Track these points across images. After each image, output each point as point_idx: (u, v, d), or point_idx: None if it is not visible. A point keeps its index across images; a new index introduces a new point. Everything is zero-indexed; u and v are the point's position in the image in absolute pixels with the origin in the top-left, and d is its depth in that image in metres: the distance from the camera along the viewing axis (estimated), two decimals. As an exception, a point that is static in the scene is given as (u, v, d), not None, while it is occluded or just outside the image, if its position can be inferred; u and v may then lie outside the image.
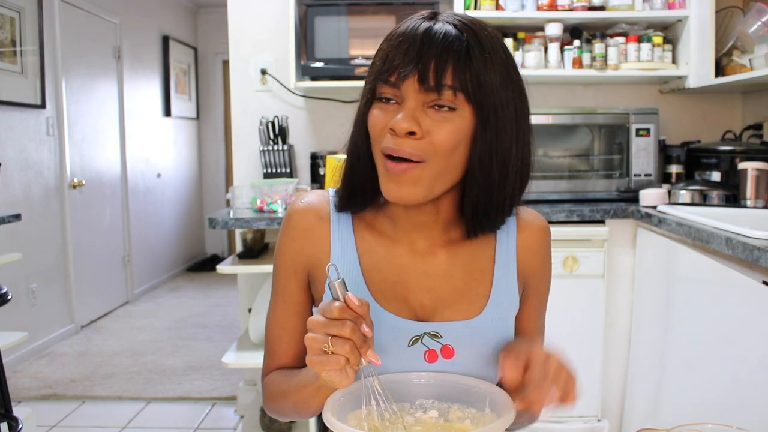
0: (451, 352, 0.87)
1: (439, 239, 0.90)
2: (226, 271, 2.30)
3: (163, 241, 5.75)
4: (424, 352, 0.86)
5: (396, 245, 0.90)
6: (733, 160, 2.41)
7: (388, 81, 0.80)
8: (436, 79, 0.77)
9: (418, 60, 0.78)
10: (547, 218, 2.33)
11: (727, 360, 1.71)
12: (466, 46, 0.79)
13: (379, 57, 0.83)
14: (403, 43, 0.80)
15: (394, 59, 0.79)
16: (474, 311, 0.89)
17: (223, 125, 6.51)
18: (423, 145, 0.79)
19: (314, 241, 0.90)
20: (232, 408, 2.96)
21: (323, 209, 0.92)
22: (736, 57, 2.49)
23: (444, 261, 0.90)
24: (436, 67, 0.77)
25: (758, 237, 1.58)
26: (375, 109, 0.83)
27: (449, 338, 0.87)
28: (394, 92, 0.81)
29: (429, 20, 0.82)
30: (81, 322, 4.28)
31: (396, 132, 0.78)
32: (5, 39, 3.49)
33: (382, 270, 0.89)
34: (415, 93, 0.79)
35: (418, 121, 0.78)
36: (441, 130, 0.79)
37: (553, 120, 2.57)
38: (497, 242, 0.93)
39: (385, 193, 0.82)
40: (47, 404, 3.04)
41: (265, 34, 2.80)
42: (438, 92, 0.78)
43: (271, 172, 2.67)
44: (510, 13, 2.59)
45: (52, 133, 3.98)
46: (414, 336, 0.87)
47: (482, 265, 0.91)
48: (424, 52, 0.78)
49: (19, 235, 3.56)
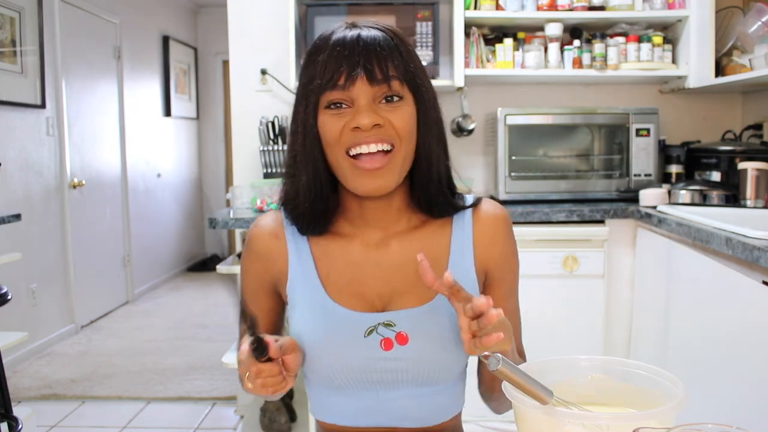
0: (405, 338, 0.91)
1: (392, 231, 0.95)
2: (226, 271, 2.30)
3: (163, 241, 5.75)
4: (380, 340, 0.91)
5: (350, 242, 0.95)
6: (733, 160, 2.41)
7: (337, 85, 0.86)
8: (383, 73, 0.86)
9: (361, 60, 0.85)
10: (547, 218, 2.35)
11: (727, 360, 1.71)
12: (395, 44, 0.88)
13: (318, 69, 0.87)
14: (342, 51, 0.86)
15: (338, 66, 0.86)
16: (427, 298, 0.93)
17: (223, 125, 6.51)
18: (387, 132, 0.87)
19: (273, 260, 0.97)
20: (232, 408, 2.96)
21: (279, 230, 0.98)
22: (736, 57, 2.49)
23: (397, 251, 0.94)
24: (380, 63, 0.86)
25: (758, 237, 1.58)
26: (326, 119, 0.88)
27: (403, 325, 0.92)
28: (343, 95, 0.86)
29: (352, 29, 0.89)
30: (81, 322, 4.27)
31: (362, 127, 0.85)
32: (5, 39, 3.49)
33: (338, 269, 0.94)
34: (365, 91, 0.86)
35: (377, 114, 0.86)
36: (397, 117, 0.87)
37: (553, 120, 2.57)
38: (453, 231, 0.97)
39: (359, 189, 0.88)
40: (47, 404, 3.04)
41: (265, 34, 2.80)
42: (387, 83, 0.86)
43: (271, 172, 2.67)
44: (510, 13, 2.59)
45: (52, 133, 3.98)
46: (369, 327, 0.92)
47: (437, 253, 0.95)
48: (365, 53, 0.86)
49: (19, 235, 3.56)
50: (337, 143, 0.87)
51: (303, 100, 0.90)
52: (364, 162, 0.86)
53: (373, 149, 0.86)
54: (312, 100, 0.88)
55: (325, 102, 0.87)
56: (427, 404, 0.94)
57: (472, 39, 2.63)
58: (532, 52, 2.63)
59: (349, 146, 0.86)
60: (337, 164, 0.89)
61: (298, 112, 0.91)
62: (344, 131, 0.86)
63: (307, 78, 0.89)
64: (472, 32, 2.63)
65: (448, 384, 0.95)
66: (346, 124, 0.86)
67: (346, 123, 0.86)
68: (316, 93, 0.87)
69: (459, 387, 0.98)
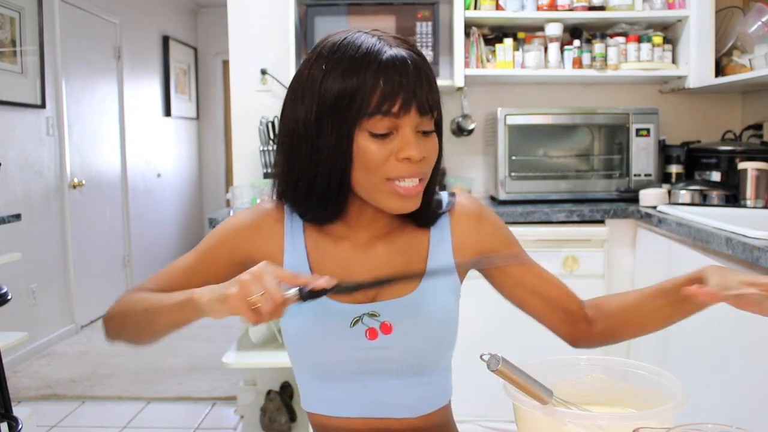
0: (389, 327, 0.94)
1: (380, 232, 0.98)
2: (226, 271, 2.29)
3: (163, 241, 5.75)
4: (365, 330, 0.94)
5: (341, 242, 0.98)
6: (733, 160, 2.41)
7: (391, 113, 0.84)
8: (428, 103, 0.86)
9: (416, 90, 0.84)
10: (547, 218, 2.35)
11: (726, 360, 1.71)
12: (429, 68, 0.88)
13: (368, 89, 0.83)
14: (397, 76, 0.83)
15: (394, 93, 0.83)
16: (410, 288, 0.96)
17: (223, 125, 6.51)
18: (425, 165, 0.89)
19: (264, 238, 0.99)
20: (232, 408, 2.96)
21: (279, 215, 1.00)
22: (736, 57, 2.49)
23: (383, 250, 0.98)
24: (427, 92, 0.86)
25: (758, 237, 1.58)
26: (368, 143, 0.85)
27: (387, 315, 0.94)
28: (392, 123, 0.85)
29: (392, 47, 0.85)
30: (81, 322, 4.28)
31: (412, 159, 0.86)
32: (5, 39, 3.49)
33: (328, 264, 0.97)
34: (414, 121, 0.86)
35: (422, 146, 0.87)
36: (432, 149, 0.90)
37: (553, 120, 2.57)
38: (431, 229, 1.01)
39: (392, 209, 0.90)
40: (47, 404, 3.04)
41: (265, 34, 2.80)
42: (431, 114, 0.88)
43: (271, 172, 2.66)
44: (510, 13, 2.59)
45: (52, 133, 3.98)
46: (354, 317, 0.94)
47: (418, 248, 0.99)
48: (419, 83, 0.85)
49: (19, 235, 3.56)
50: (379, 171, 0.86)
51: (336, 113, 0.85)
52: (401, 189, 0.87)
53: (416, 182, 0.88)
54: (351, 118, 0.84)
55: (371, 126, 0.84)
56: (414, 394, 0.97)
57: (472, 39, 2.63)
58: (532, 52, 2.63)
59: (394, 177, 0.87)
60: (367, 184, 0.88)
61: (323, 121, 0.86)
62: (389, 160, 0.86)
63: (346, 93, 0.83)
64: (472, 32, 2.63)
65: (433, 374, 0.98)
66: (393, 154, 0.86)
67: (392, 152, 0.86)
68: (360, 114, 0.84)
69: (445, 378, 1.02)
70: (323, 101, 0.86)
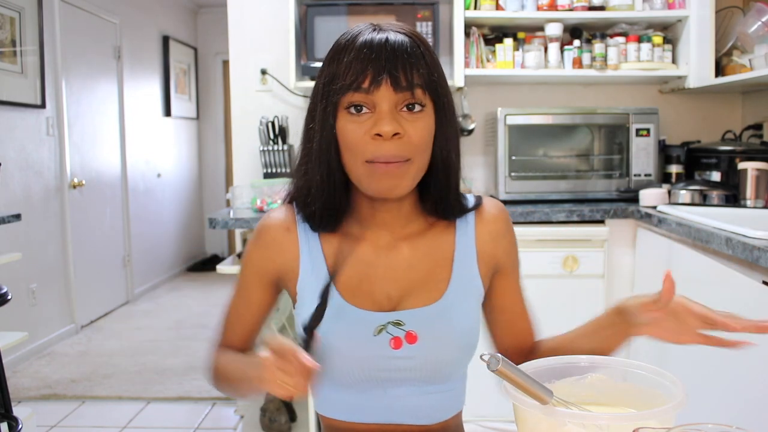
0: (414, 337, 0.92)
1: (401, 234, 0.96)
2: (226, 271, 2.30)
3: (163, 241, 5.75)
4: (389, 339, 0.92)
5: (360, 243, 0.96)
6: (733, 160, 2.41)
7: (361, 88, 0.85)
8: (407, 80, 0.85)
9: (388, 65, 0.85)
10: (547, 218, 2.35)
11: (727, 360, 1.71)
12: (421, 51, 0.88)
13: (342, 69, 0.86)
14: (369, 53, 0.85)
15: (364, 68, 0.85)
16: (435, 297, 0.94)
17: (223, 125, 6.51)
18: (405, 144, 0.86)
19: (282, 252, 0.97)
20: (232, 408, 2.96)
21: (291, 224, 0.98)
22: (736, 57, 2.49)
23: (406, 253, 0.96)
24: (405, 69, 0.85)
25: (758, 237, 1.58)
26: (346, 123, 0.87)
27: (412, 325, 0.93)
28: (365, 98, 0.85)
29: (379, 32, 0.88)
30: (81, 322, 4.28)
31: (383, 135, 0.84)
32: (5, 39, 3.49)
33: (348, 268, 0.94)
34: (389, 96, 0.85)
35: (399, 122, 0.85)
36: (417, 129, 0.87)
37: (553, 120, 2.57)
38: (457, 231, 0.98)
39: (373, 191, 0.89)
40: (47, 404, 3.04)
41: (265, 34, 2.80)
42: (411, 91, 0.86)
43: (271, 172, 2.67)
44: (510, 13, 2.59)
45: (52, 133, 3.98)
46: (379, 326, 0.92)
47: (443, 253, 0.97)
48: (392, 58, 0.85)
49: (19, 235, 3.56)
50: (357, 150, 0.86)
51: (322, 99, 0.88)
52: (379, 169, 0.86)
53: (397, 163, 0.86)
54: (332, 100, 0.87)
55: (346, 103, 0.86)
56: (433, 402, 0.96)
57: (472, 39, 2.63)
58: (532, 52, 2.63)
59: (369, 158, 0.86)
60: (353, 168, 0.88)
61: (316, 110, 0.90)
62: (365, 138, 0.86)
63: (329, 77, 0.88)
64: (472, 32, 2.63)
65: (453, 382, 0.97)
66: (367, 131, 0.85)
67: (366, 130, 0.85)
68: (337, 93, 0.86)
69: (461, 385, 1.01)
70: (317, 89, 0.91)
